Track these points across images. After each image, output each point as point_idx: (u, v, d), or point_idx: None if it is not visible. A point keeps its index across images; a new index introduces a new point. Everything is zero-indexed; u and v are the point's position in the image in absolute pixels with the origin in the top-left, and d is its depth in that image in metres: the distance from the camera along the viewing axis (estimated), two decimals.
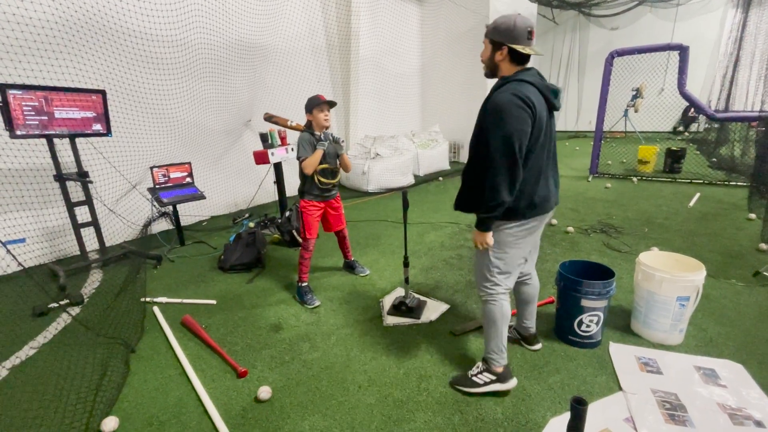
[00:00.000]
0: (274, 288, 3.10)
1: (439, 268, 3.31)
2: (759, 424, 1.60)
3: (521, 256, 1.82)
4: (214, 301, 2.90)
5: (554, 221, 4.31)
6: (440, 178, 7.06)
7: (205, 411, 1.83)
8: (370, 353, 2.23)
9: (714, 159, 7.17)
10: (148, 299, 2.94)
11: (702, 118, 10.62)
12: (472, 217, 4.98)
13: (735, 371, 1.93)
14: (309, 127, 2.73)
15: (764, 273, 2.85)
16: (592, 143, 6.76)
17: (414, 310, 2.57)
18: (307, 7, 5.72)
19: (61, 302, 2.85)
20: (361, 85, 6.78)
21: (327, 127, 2.72)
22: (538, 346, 2.18)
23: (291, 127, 2.77)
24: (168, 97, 4.15)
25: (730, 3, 9.96)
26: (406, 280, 2.59)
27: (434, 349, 2.22)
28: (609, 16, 11.24)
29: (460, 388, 1.90)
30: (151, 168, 3.78)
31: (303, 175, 2.75)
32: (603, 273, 2.19)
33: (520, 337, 2.23)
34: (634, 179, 6.31)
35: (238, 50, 4.75)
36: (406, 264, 2.56)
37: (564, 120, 13.44)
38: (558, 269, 2.24)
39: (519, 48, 1.57)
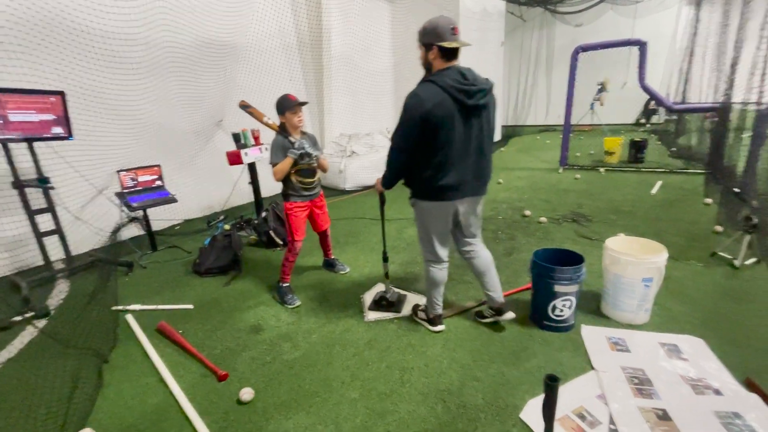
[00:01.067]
0: (252, 290, 3.05)
1: (418, 262, 3.35)
2: (717, 392, 1.72)
3: (439, 232, 2.13)
4: (190, 306, 2.83)
5: (528, 212, 4.44)
6: None
7: (186, 417, 1.79)
8: (352, 349, 2.24)
9: (673, 149, 7.57)
10: (120, 307, 2.84)
11: (662, 110, 11.18)
12: None
13: (696, 345, 2.06)
14: (283, 129, 2.68)
15: (720, 253, 3.04)
16: (561, 136, 6.99)
17: (395, 305, 2.60)
18: (277, 5, 5.63)
19: (26, 315, 2.71)
20: (334, 82, 6.75)
21: (300, 128, 2.68)
22: (510, 315, 2.26)
23: (266, 124, 2.72)
24: (134, 98, 4.00)
25: (684, 0, 10.48)
26: (386, 275, 2.62)
27: (416, 342, 2.26)
28: (573, 13, 11.61)
29: (412, 313, 2.48)
30: (118, 171, 3.64)
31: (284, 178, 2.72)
32: (573, 259, 2.28)
33: (493, 312, 2.30)
34: (602, 170, 6.58)
35: (207, 49, 4.63)
36: (385, 259, 2.58)
37: (534, 114, 13.82)
38: (531, 257, 2.32)
39: (445, 44, 1.80)
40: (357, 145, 6.48)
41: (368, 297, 2.80)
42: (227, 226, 4.49)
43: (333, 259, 3.27)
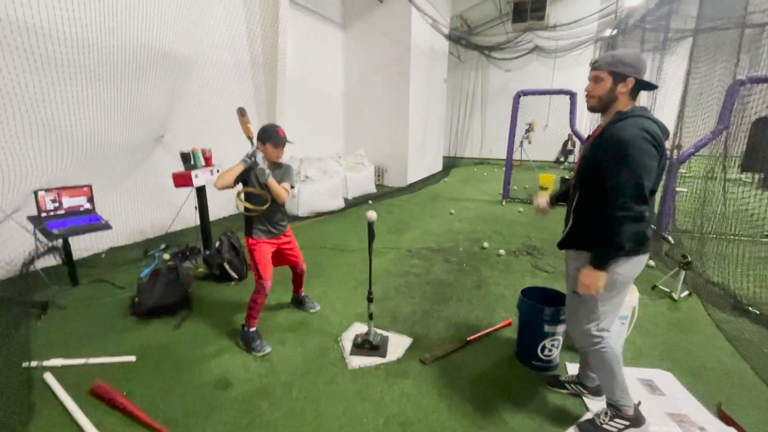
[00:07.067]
0: (209, 334, 2.66)
1: (391, 297, 3.23)
2: (702, 429, 1.83)
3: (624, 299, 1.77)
4: (132, 358, 2.35)
5: (486, 244, 4.59)
6: (370, 202, 7.06)
7: None
8: (342, 403, 2.02)
9: None
10: (34, 363, 2.26)
11: (577, 150, 12.69)
12: (410, 242, 4.94)
13: (666, 379, 2.22)
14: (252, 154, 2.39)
15: (660, 287, 3.39)
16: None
17: (378, 348, 2.43)
18: (230, 18, 5.34)
19: None
20: (287, 104, 6.51)
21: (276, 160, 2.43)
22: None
23: (245, 128, 2.34)
24: (58, 105, 3.39)
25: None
26: (370, 317, 2.45)
27: (410, 390, 2.11)
28: (505, 60, 12.85)
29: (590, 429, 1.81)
30: (36, 192, 3.00)
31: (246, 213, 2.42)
32: (557, 298, 2.34)
33: (587, 391, 2.06)
34: None
35: (153, 56, 4.15)
36: (370, 299, 2.42)
37: (471, 147, 14.79)
38: (520, 296, 2.33)
39: (645, 78, 1.58)
40: (311, 169, 6.26)
41: (346, 339, 2.59)
42: (167, 256, 3.95)
43: (303, 296, 3.01)
